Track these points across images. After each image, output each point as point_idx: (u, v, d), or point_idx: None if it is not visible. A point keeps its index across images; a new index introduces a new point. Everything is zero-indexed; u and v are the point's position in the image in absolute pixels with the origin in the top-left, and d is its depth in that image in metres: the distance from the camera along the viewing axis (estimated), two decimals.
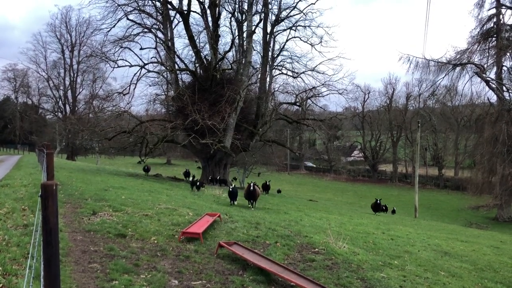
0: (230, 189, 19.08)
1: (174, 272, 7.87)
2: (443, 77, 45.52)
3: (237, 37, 35.65)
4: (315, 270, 8.91)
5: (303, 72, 36.07)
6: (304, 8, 37.49)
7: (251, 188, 16.19)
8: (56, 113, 73.66)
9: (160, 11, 34.31)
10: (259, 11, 36.00)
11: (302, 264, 9.25)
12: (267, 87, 36.31)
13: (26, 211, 10.76)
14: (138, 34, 33.00)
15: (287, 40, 37.02)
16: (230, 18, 36.31)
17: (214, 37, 33.67)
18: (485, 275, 11.68)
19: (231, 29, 36.44)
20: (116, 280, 6.96)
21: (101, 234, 9.77)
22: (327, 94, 37.83)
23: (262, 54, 36.13)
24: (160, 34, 34.29)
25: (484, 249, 17.01)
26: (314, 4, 35.49)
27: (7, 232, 8.32)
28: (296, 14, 36.54)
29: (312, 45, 35.87)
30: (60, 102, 71.68)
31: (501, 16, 43.18)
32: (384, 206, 30.82)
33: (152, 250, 9.06)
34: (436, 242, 16.70)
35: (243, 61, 34.03)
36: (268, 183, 33.32)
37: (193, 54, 35.31)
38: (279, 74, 37.55)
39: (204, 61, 34.60)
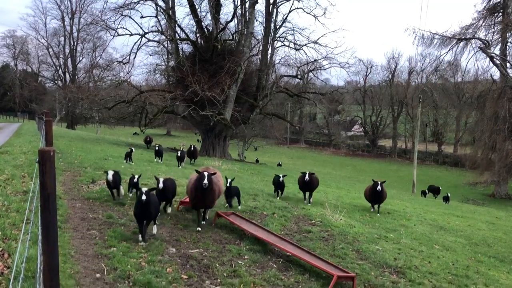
0: (179, 154, 19.89)
1: (172, 240, 7.97)
2: (447, 52, 45.07)
3: (239, 7, 35.04)
4: (311, 241, 9.02)
5: (305, 45, 35.60)
6: None
7: (306, 177, 13.19)
8: (56, 82, 73.18)
9: None
10: None
11: (298, 235, 9.36)
12: (268, 59, 35.90)
13: (25, 178, 10.82)
14: (138, 1, 32.39)
15: (290, 11, 36.32)
16: None
17: (215, 6, 33.09)
18: (479, 249, 11.86)
19: None
20: (114, 247, 7.05)
21: (100, 202, 9.86)
22: (329, 68, 37.48)
23: (264, 25, 35.54)
24: (161, 2, 33.69)
25: (479, 225, 17.22)
26: None
27: (6, 198, 8.39)
28: None
29: (315, 16, 35.24)
30: (60, 70, 71.13)
31: None
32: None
33: None
34: (432, 217, 16.87)
35: (245, 32, 33.53)
36: (281, 179, 34.26)
37: (194, 24, 34.80)
38: (281, 46, 37.07)
39: (205, 31, 34.10)
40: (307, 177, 13.15)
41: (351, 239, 9.63)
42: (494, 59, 40.58)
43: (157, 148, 21.12)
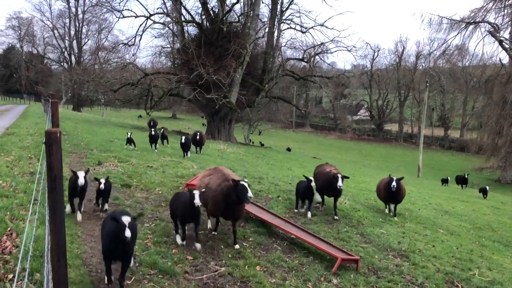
0: (183, 140, 16.04)
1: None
2: (455, 36, 44.49)
3: None
4: (315, 224, 9.07)
5: (312, 27, 35.27)
6: None
7: (393, 185, 10.05)
8: (62, 64, 73.07)
9: None
10: None
11: (303, 218, 9.41)
12: (274, 42, 35.60)
13: (32, 159, 10.89)
14: None
15: None
16: None
17: None
18: (483, 234, 11.88)
19: None
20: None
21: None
22: (335, 51, 37.23)
23: (270, 7, 35.15)
24: None
25: (484, 209, 17.21)
26: None
27: (14, 179, 8.47)
28: None
29: None
30: (66, 52, 70.94)
31: None
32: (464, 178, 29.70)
33: (157, 201, 9.23)
34: (437, 201, 16.88)
35: (251, 14, 33.20)
36: (312, 184, 32.30)
37: (200, 6, 34.52)
38: (287, 28, 36.74)
39: (211, 13, 33.82)
40: (394, 184, 10.20)
41: (356, 223, 9.67)
42: (503, 43, 40.03)
43: (152, 133, 17.01)
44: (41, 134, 15.15)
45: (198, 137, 18.38)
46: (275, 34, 35.61)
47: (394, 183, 10.24)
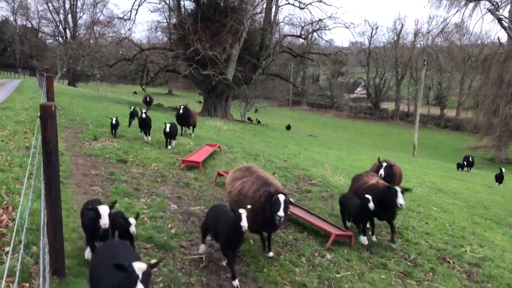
0: (167, 130, 12.24)
1: (174, 197, 8.09)
2: (455, 14, 44.09)
3: None
4: (310, 200, 9.14)
5: (310, 3, 34.76)
6: None
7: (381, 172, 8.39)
8: (57, 38, 72.04)
9: None
10: None
11: (298, 195, 9.48)
12: (272, 18, 35.15)
13: (27, 133, 10.85)
14: None
15: None
16: None
17: None
18: (476, 211, 12.03)
19: None
20: (116, 203, 7.15)
21: (102, 159, 9.92)
22: (333, 28, 37.12)
23: None
24: None
25: (478, 188, 17.40)
26: None
27: (9, 153, 8.44)
28: None
29: None
30: (60, 26, 69.87)
31: None
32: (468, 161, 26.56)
33: (153, 176, 9.26)
34: (431, 179, 17.03)
35: None
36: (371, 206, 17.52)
37: None
38: (285, 4, 36.20)
39: None
40: (381, 172, 8.48)
41: None
42: (502, 21, 39.66)
43: (143, 115, 12.85)
44: (36, 108, 15.05)
45: (181, 111, 14.67)
46: (273, 10, 35.15)
47: (382, 172, 8.52)
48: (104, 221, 4.50)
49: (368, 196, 6.80)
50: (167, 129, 12.16)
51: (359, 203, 6.98)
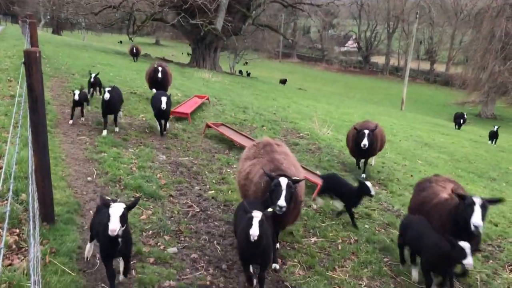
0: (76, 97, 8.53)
1: (162, 148, 8.11)
2: None
3: None
4: (298, 153, 9.24)
5: None
6: None
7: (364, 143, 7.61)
8: None
9: None
10: None
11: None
12: None
13: (12, 82, 10.63)
14: None
15: None
16: None
17: None
18: (460, 165, 12.30)
19: None
20: (105, 153, 7.16)
21: (90, 109, 9.82)
22: None
23: None
24: None
25: (463, 142, 17.70)
26: None
27: None
28: None
29: None
30: None
31: None
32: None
33: (141, 127, 9.23)
34: (418, 133, 17.24)
35: None
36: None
37: None
38: None
39: None
40: (365, 142, 7.58)
41: (337, 152, 9.88)
42: None
43: (76, 97, 8.41)
44: (20, 56, 14.66)
45: (160, 75, 10.80)
46: None
47: (365, 141, 7.59)
48: (113, 226, 3.29)
49: (464, 244, 3.92)
50: (76, 97, 8.42)
51: (436, 241, 4.23)
